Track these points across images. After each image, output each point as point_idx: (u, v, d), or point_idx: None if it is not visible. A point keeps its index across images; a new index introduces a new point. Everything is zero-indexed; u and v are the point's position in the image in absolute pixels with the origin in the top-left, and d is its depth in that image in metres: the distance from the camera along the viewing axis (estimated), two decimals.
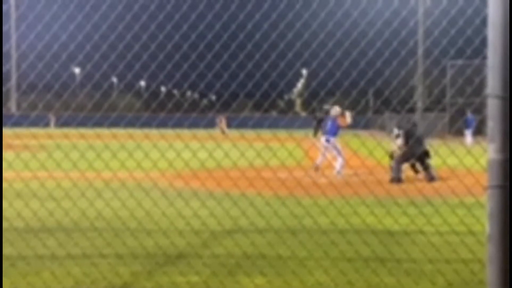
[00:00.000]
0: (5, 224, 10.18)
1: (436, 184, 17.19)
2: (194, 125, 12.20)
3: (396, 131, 20.33)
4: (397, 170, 18.87)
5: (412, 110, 56.33)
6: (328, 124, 21.44)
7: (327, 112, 22.40)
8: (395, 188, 13.49)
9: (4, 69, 9.62)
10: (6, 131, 16.05)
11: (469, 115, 44.57)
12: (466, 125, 44.28)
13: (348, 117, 21.27)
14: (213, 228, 10.18)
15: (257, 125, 12.57)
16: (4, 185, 12.47)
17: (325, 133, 21.47)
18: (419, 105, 57.53)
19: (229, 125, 55.57)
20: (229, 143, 10.00)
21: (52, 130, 50.12)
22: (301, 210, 10.57)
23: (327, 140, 21.07)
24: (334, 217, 10.22)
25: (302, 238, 9.54)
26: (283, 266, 8.15)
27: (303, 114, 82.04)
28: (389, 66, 8.59)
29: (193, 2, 8.01)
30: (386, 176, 18.53)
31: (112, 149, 8.82)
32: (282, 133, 11.51)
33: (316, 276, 7.65)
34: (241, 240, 9.45)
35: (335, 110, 21.57)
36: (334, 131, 21.19)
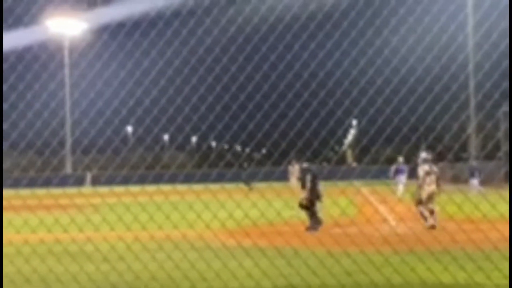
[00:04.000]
0: (61, 287, 10.26)
1: (492, 235, 16.77)
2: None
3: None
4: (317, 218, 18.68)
5: (467, 159, 55.61)
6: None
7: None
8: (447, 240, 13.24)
9: (59, 134, 9.84)
10: (56, 191, 16.31)
11: None
12: None
13: None
14: (267, 287, 10.08)
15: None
16: (59, 248, 12.63)
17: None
18: (473, 154, 56.76)
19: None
20: (280, 199, 10.02)
21: (90, 189, 50.67)
22: (355, 267, 10.40)
23: None
24: (389, 274, 10.03)
25: None
26: None
27: (355, 164, 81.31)
28: (440, 120, 8.54)
29: (239, 67, 8.13)
30: (437, 228, 18.18)
31: (164, 210, 8.87)
32: (333, 187, 11.45)
33: None
34: None
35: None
36: None
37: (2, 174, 10.82)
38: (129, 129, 52.63)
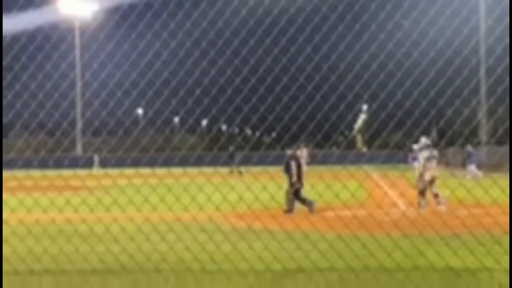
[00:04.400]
0: (71, 267, 10.34)
1: (501, 220, 16.76)
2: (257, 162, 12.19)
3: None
4: (292, 202, 19.10)
5: (478, 143, 55.41)
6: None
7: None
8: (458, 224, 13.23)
9: (70, 116, 9.87)
10: (67, 172, 16.37)
11: None
12: None
13: None
14: (276, 270, 10.11)
15: (318, 163, 12.55)
16: (70, 228, 12.70)
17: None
18: (484, 139, 56.55)
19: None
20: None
21: (98, 171, 50.91)
22: (365, 251, 10.42)
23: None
24: (399, 258, 10.05)
25: (367, 279, 9.40)
26: None
27: (364, 149, 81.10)
28: (452, 104, 8.50)
29: (250, 49, 8.11)
30: (453, 213, 18.18)
31: (174, 192, 8.90)
32: (343, 171, 11.45)
33: None
34: (305, 282, 9.35)
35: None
36: None
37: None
38: (140, 111, 52.73)
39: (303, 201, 19.36)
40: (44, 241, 11.72)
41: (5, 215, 11.46)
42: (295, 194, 19.47)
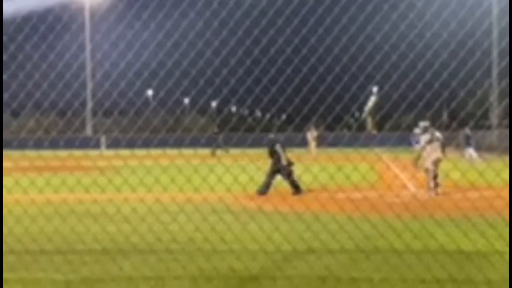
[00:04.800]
0: (82, 247, 10.40)
1: None
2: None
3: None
4: (268, 184, 19.27)
5: (489, 127, 55.19)
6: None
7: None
8: (469, 207, 13.19)
9: (81, 96, 9.88)
10: (78, 153, 16.42)
11: None
12: None
13: None
14: (286, 251, 10.14)
15: (329, 145, 12.55)
16: (82, 208, 12.76)
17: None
18: (495, 122, 56.32)
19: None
20: (299, 165, 10.01)
21: (105, 151, 51.11)
22: (375, 232, 10.43)
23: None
24: (409, 240, 10.05)
25: (377, 260, 9.41)
26: None
27: (375, 132, 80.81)
28: (464, 85, 8.45)
29: (263, 28, 8.08)
30: (464, 195, 18.15)
31: (186, 173, 8.91)
32: (354, 153, 11.44)
33: None
34: (315, 263, 9.38)
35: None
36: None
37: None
38: (150, 92, 52.70)
39: (294, 183, 19.52)
40: (55, 220, 11.79)
41: (17, 195, 11.51)
42: (289, 176, 19.68)
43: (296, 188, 19.20)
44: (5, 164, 12.99)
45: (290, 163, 19.89)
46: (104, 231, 10.65)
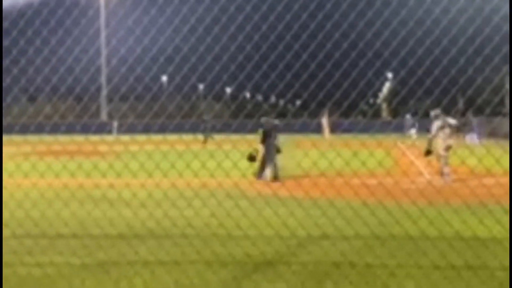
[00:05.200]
0: (98, 231, 10.47)
1: None
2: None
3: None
4: (262, 169, 19.54)
5: (505, 114, 54.83)
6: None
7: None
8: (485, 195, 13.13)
9: (97, 81, 9.91)
10: (94, 138, 16.46)
11: None
12: None
13: None
14: (301, 236, 10.17)
15: (346, 131, 12.53)
16: (98, 193, 12.83)
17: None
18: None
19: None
20: (315, 150, 10.00)
21: (116, 136, 51.45)
22: (390, 218, 10.42)
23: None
24: (425, 226, 10.04)
25: (392, 246, 9.42)
26: (372, 276, 8.06)
27: (389, 118, 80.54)
28: (481, 72, 8.41)
29: (279, 14, 8.06)
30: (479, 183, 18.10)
31: (201, 158, 8.94)
32: (370, 140, 11.42)
33: (407, 286, 7.53)
34: (329, 248, 9.40)
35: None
36: None
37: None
38: (164, 78, 52.80)
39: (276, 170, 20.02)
40: (72, 205, 11.87)
41: (34, 179, 11.59)
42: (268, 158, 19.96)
43: (261, 171, 19.63)
44: (23, 148, 13.07)
45: (277, 149, 20.21)
46: (120, 216, 10.72)
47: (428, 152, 20.00)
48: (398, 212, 10.93)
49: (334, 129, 47.11)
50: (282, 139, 20.85)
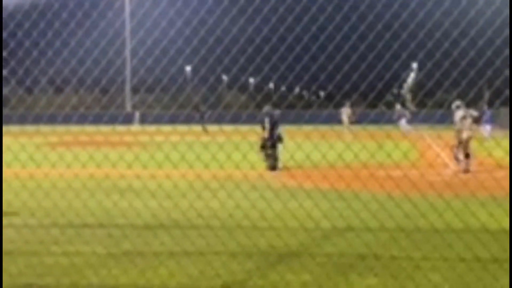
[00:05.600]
0: (124, 221, 10.56)
1: None
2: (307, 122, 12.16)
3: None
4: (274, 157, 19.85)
5: None
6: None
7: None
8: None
9: (123, 73, 9.95)
10: (120, 128, 16.55)
11: None
12: None
13: None
14: (326, 228, 10.17)
15: (370, 122, 12.48)
16: (124, 183, 12.92)
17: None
18: None
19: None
20: (340, 142, 9.96)
21: (139, 127, 51.74)
22: (416, 211, 10.38)
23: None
24: (450, 219, 10.00)
25: (417, 239, 9.39)
26: (397, 268, 8.05)
27: (414, 109, 79.87)
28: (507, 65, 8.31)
29: (304, 6, 8.04)
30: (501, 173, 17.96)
31: (226, 150, 8.96)
32: (394, 131, 11.35)
33: (432, 279, 7.51)
34: (354, 240, 9.40)
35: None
36: None
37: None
38: (188, 68, 52.96)
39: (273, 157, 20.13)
40: (98, 195, 11.98)
41: (61, 169, 11.70)
42: (271, 148, 20.27)
43: (272, 160, 19.86)
44: (50, 138, 13.20)
45: (279, 138, 20.57)
46: (146, 206, 10.78)
47: (460, 143, 20.45)
48: (423, 204, 10.89)
49: (356, 120, 47.01)
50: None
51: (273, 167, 19.52)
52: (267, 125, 20.74)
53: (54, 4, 8.78)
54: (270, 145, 20.31)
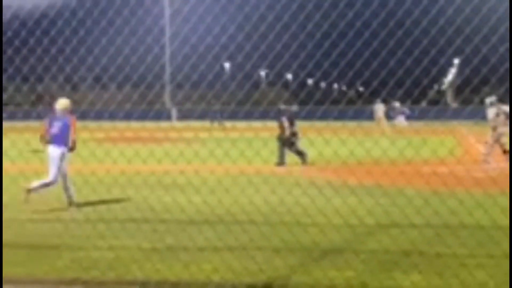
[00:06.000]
0: (169, 216, 10.66)
1: None
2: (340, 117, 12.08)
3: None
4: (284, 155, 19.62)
5: None
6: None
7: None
8: None
9: (157, 70, 10.04)
10: (162, 124, 16.69)
11: None
12: None
13: None
14: (370, 225, 10.13)
15: (410, 118, 12.39)
16: (168, 179, 13.03)
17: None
18: None
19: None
20: (384, 138, 9.91)
21: (176, 123, 52.17)
22: (461, 207, 10.28)
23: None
24: (496, 215, 9.87)
25: (463, 236, 9.30)
26: (442, 265, 7.98)
27: (454, 105, 78.96)
28: None
29: (349, 2, 8.02)
30: None
31: (270, 147, 8.99)
32: (438, 126, 11.26)
33: (478, 276, 7.43)
34: (398, 236, 9.34)
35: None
36: None
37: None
38: (227, 65, 53.22)
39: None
40: (143, 191, 12.11)
41: (107, 165, 11.86)
42: (291, 146, 20.03)
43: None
44: (96, 134, 13.38)
45: (294, 134, 20.34)
46: (190, 202, 10.86)
47: (496, 141, 20.44)
48: (469, 201, 10.77)
49: (392, 116, 46.63)
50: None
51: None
52: (285, 123, 20.38)
53: (86, 2, 8.86)
54: (289, 143, 20.07)
